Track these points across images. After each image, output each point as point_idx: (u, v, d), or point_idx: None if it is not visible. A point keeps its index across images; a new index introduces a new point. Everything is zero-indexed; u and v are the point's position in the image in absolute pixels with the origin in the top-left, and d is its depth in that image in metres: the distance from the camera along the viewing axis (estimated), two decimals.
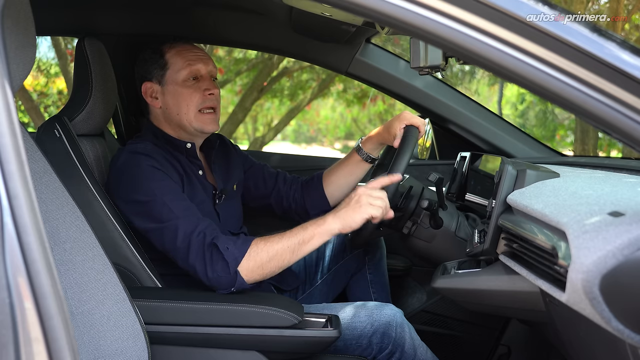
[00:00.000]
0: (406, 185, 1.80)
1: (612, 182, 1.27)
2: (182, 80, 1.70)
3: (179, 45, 1.74)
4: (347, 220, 1.48)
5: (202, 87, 1.70)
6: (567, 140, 9.23)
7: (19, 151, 0.80)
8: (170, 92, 1.71)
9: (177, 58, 1.72)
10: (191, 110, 1.69)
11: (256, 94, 6.34)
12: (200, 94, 1.70)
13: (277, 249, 1.48)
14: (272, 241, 1.49)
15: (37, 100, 6.91)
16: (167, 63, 1.72)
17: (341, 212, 1.49)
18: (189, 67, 1.70)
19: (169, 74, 1.71)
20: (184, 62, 1.71)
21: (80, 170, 1.56)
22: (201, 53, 1.74)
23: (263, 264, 1.48)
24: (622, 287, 0.83)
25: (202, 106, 1.70)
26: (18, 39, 0.99)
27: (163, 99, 1.73)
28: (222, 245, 1.48)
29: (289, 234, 1.50)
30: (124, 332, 1.29)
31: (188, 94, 1.69)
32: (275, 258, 1.48)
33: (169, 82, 1.71)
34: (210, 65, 1.74)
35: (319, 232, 1.48)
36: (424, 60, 1.31)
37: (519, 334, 2.03)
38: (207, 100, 1.70)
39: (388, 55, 2.33)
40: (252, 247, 1.48)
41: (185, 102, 1.69)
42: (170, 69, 1.71)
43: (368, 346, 1.61)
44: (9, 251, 0.78)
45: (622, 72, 0.85)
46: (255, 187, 1.97)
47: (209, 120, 1.71)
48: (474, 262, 1.52)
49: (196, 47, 1.77)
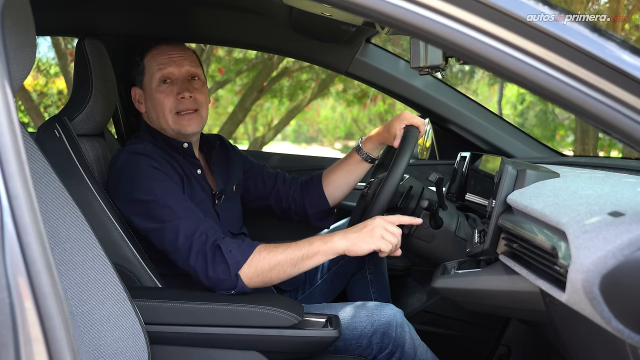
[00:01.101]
0: (406, 185, 1.79)
1: (612, 182, 1.27)
2: (156, 85, 1.69)
3: (156, 48, 1.73)
4: (354, 246, 1.46)
5: (174, 91, 1.68)
6: (567, 140, 9.23)
7: (19, 151, 0.80)
8: (149, 97, 1.72)
9: (151, 62, 1.71)
10: (167, 114, 1.68)
11: (256, 94, 6.34)
12: (173, 97, 1.68)
13: (280, 259, 1.47)
14: (275, 251, 1.48)
15: (37, 100, 6.91)
16: (144, 68, 1.72)
17: (351, 235, 1.47)
18: (159, 71, 1.69)
19: (146, 79, 1.72)
20: (155, 66, 1.70)
21: (80, 170, 1.56)
22: (176, 54, 1.71)
23: (264, 273, 1.47)
24: (622, 287, 0.83)
25: (177, 109, 1.68)
26: (18, 39, 0.99)
27: (145, 104, 1.74)
28: (226, 248, 1.47)
29: (294, 247, 1.48)
30: (124, 332, 1.29)
31: (161, 99, 1.68)
32: (277, 268, 1.47)
33: (146, 88, 1.72)
34: (185, 65, 1.71)
35: (323, 250, 1.47)
36: (424, 60, 1.31)
37: (519, 334, 2.03)
38: (179, 104, 1.68)
39: (388, 55, 2.33)
40: (254, 254, 1.47)
41: (160, 106, 1.69)
42: (146, 74, 1.72)
43: (368, 346, 1.61)
44: (9, 251, 0.78)
45: (622, 72, 0.85)
46: (254, 188, 1.97)
47: (186, 121, 1.68)
48: (474, 262, 1.52)
49: (174, 47, 1.74)
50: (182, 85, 1.69)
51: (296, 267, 1.47)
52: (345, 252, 1.47)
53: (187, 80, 1.71)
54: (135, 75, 1.75)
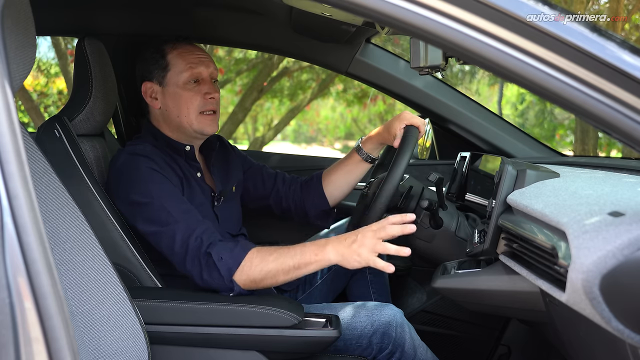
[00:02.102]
0: (406, 185, 1.79)
1: (612, 182, 1.27)
2: (183, 83, 1.69)
3: (181, 46, 1.73)
4: (345, 261, 1.44)
5: (202, 91, 1.69)
6: (567, 140, 9.23)
7: (19, 151, 0.80)
8: (171, 93, 1.70)
9: (178, 60, 1.70)
10: (192, 112, 1.69)
11: (256, 94, 6.34)
12: (201, 97, 1.69)
13: (271, 268, 1.46)
14: (267, 259, 1.46)
15: (37, 100, 6.91)
16: (168, 64, 1.71)
17: (342, 250, 1.43)
18: (190, 69, 1.69)
19: (170, 76, 1.70)
20: (185, 64, 1.69)
21: (80, 170, 1.55)
22: (203, 55, 1.73)
23: (255, 280, 1.47)
24: (622, 287, 0.83)
25: (203, 109, 1.69)
26: (18, 39, 0.99)
27: (163, 100, 1.72)
28: (217, 255, 1.47)
29: (286, 255, 1.46)
30: (124, 332, 1.29)
31: (189, 97, 1.68)
32: (269, 277, 1.47)
33: (169, 84, 1.71)
34: (211, 67, 1.73)
35: (316, 261, 1.46)
36: (424, 60, 1.31)
37: (519, 334, 2.03)
38: (207, 104, 1.70)
39: (388, 55, 2.33)
40: (246, 260, 1.47)
41: (185, 105, 1.69)
42: (171, 70, 1.70)
43: (368, 346, 1.61)
44: (9, 251, 0.78)
45: (622, 72, 0.85)
46: (254, 188, 1.97)
47: (209, 122, 1.71)
48: (474, 262, 1.52)
49: (198, 48, 1.76)
50: (211, 86, 1.71)
51: (288, 276, 1.47)
52: (338, 263, 1.46)
53: (211, 81, 1.73)
54: (153, 70, 1.72)
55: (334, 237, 1.48)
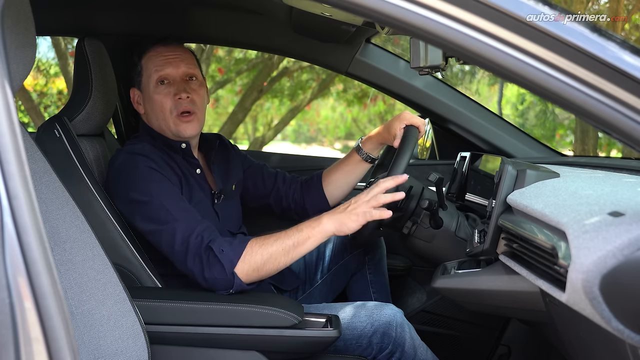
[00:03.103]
0: (406, 185, 1.79)
1: (612, 182, 1.27)
2: (153, 87, 1.69)
3: (153, 50, 1.72)
4: (343, 225, 1.47)
5: (171, 92, 1.68)
6: (567, 140, 9.23)
7: (19, 151, 0.80)
8: (147, 98, 1.71)
9: (148, 64, 1.71)
10: (167, 116, 1.67)
11: (256, 94, 6.34)
12: (171, 98, 1.67)
13: (271, 251, 1.47)
14: (266, 244, 1.48)
15: (37, 100, 6.91)
16: (142, 69, 1.72)
17: (337, 216, 1.48)
18: (156, 72, 1.69)
19: (144, 81, 1.72)
20: (152, 67, 1.69)
21: (80, 170, 1.55)
22: (172, 55, 1.71)
23: (258, 267, 1.47)
24: (622, 287, 0.83)
25: (176, 112, 1.67)
26: (18, 39, 0.99)
27: (144, 105, 1.74)
28: (217, 248, 1.47)
29: (284, 236, 1.49)
30: (124, 332, 1.29)
31: (159, 100, 1.68)
32: (270, 261, 1.48)
33: (144, 89, 1.72)
34: (182, 67, 1.70)
35: (313, 234, 1.48)
36: (424, 60, 1.31)
37: (519, 334, 2.03)
38: (179, 105, 1.67)
39: (388, 55, 2.33)
40: (247, 249, 1.48)
41: (159, 108, 1.68)
42: (143, 75, 1.71)
43: (368, 346, 1.61)
44: (9, 251, 0.78)
45: (622, 72, 0.85)
46: (254, 187, 1.97)
47: (185, 124, 1.68)
48: (474, 262, 1.52)
49: (171, 48, 1.73)
50: (180, 86, 1.69)
51: (289, 256, 1.48)
52: (335, 232, 1.48)
53: (185, 81, 1.70)
54: (134, 76, 1.75)
55: (326, 213, 1.52)
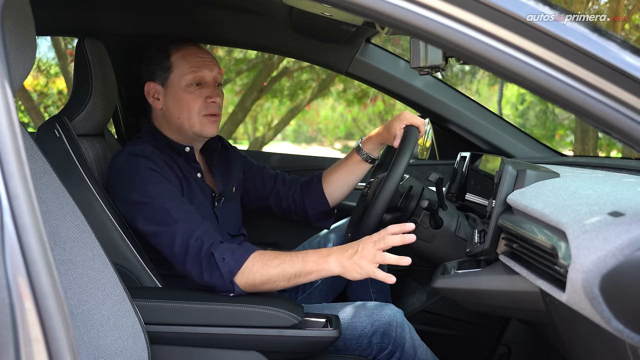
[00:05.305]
0: (406, 185, 1.79)
1: (612, 182, 1.27)
2: (186, 86, 1.68)
3: (185, 47, 1.72)
4: (347, 274, 1.45)
5: (204, 94, 1.68)
6: (567, 140, 9.23)
7: (19, 151, 0.80)
8: (172, 95, 1.70)
9: (182, 62, 1.69)
10: (193, 115, 1.68)
11: (256, 94, 6.34)
12: (202, 100, 1.68)
13: (272, 274, 1.46)
14: (268, 265, 1.46)
15: (37, 100, 6.91)
16: (172, 65, 1.70)
17: (344, 262, 1.44)
18: (193, 73, 1.68)
19: (173, 77, 1.70)
20: (189, 67, 1.68)
21: (80, 170, 1.55)
22: (207, 58, 1.72)
23: (255, 284, 1.47)
24: (622, 287, 0.83)
25: (204, 113, 1.68)
26: (18, 39, 0.99)
27: (165, 101, 1.71)
28: (219, 256, 1.47)
29: (289, 262, 1.47)
30: (124, 332, 1.29)
31: (190, 100, 1.68)
32: (269, 282, 1.47)
33: (171, 85, 1.70)
34: (215, 71, 1.72)
35: (317, 270, 1.47)
36: (424, 60, 1.31)
37: (519, 334, 2.03)
38: (209, 107, 1.69)
39: (388, 55, 2.33)
40: (247, 263, 1.47)
41: (187, 107, 1.68)
42: (174, 72, 1.69)
43: (368, 346, 1.61)
44: (9, 251, 0.78)
45: (622, 72, 0.85)
46: (254, 188, 1.97)
47: (210, 123, 1.69)
48: (474, 262, 1.52)
49: (203, 50, 1.74)
50: (213, 90, 1.70)
51: (289, 283, 1.48)
52: (339, 274, 1.47)
53: (215, 85, 1.72)
54: (157, 71, 1.71)
55: (336, 248, 1.49)
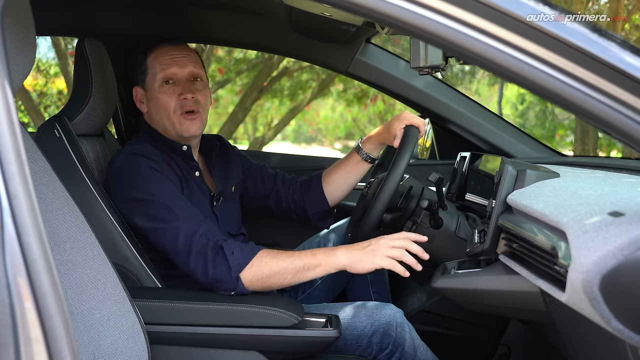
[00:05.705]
0: (406, 185, 1.79)
1: (612, 182, 1.27)
2: (158, 86, 1.68)
3: (159, 48, 1.72)
4: (357, 263, 1.46)
5: (177, 92, 1.68)
6: (567, 140, 9.23)
7: (19, 151, 0.80)
8: (151, 97, 1.71)
9: (154, 62, 1.70)
10: (171, 115, 1.67)
11: (256, 94, 6.34)
12: (176, 98, 1.67)
13: (281, 267, 1.47)
14: (277, 258, 1.48)
15: (37, 100, 6.91)
16: (147, 68, 1.71)
17: (355, 252, 1.47)
18: (162, 71, 1.68)
19: (148, 80, 1.71)
20: (158, 66, 1.69)
21: (80, 170, 1.55)
22: (179, 55, 1.71)
23: (263, 278, 1.47)
24: (622, 287, 0.83)
25: (181, 111, 1.67)
26: (18, 39, 0.99)
27: (147, 104, 1.73)
28: (228, 250, 1.47)
29: (297, 256, 1.48)
30: (124, 332, 1.29)
31: (164, 100, 1.68)
32: (277, 275, 1.47)
33: (149, 88, 1.71)
34: (188, 66, 1.70)
35: (325, 263, 1.48)
36: (424, 60, 1.31)
37: (519, 334, 2.03)
38: (184, 105, 1.67)
39: (388, 55, 2.33)
40: (256, 258, 1.48)
41: (163, 107, 1.68)
42: (149, 74, 1.71)
43: (368, 346, 1.61)
44: (9, 251, 0.78)
45: (622, 72, 0.85)
46: (254, 188, 1.97)
47: (188, 122, 1.68)
48: (474, 262, 1.52)
49: (177, 48, 1.73)
50: (185, 86, 1.69)
51: (296, 277, 1.48)
52: (347, 268, 1.47)
53: (190, 81, 1.70)
54: (138, 74, 1.74)
55: (343, 246, 1.51)
